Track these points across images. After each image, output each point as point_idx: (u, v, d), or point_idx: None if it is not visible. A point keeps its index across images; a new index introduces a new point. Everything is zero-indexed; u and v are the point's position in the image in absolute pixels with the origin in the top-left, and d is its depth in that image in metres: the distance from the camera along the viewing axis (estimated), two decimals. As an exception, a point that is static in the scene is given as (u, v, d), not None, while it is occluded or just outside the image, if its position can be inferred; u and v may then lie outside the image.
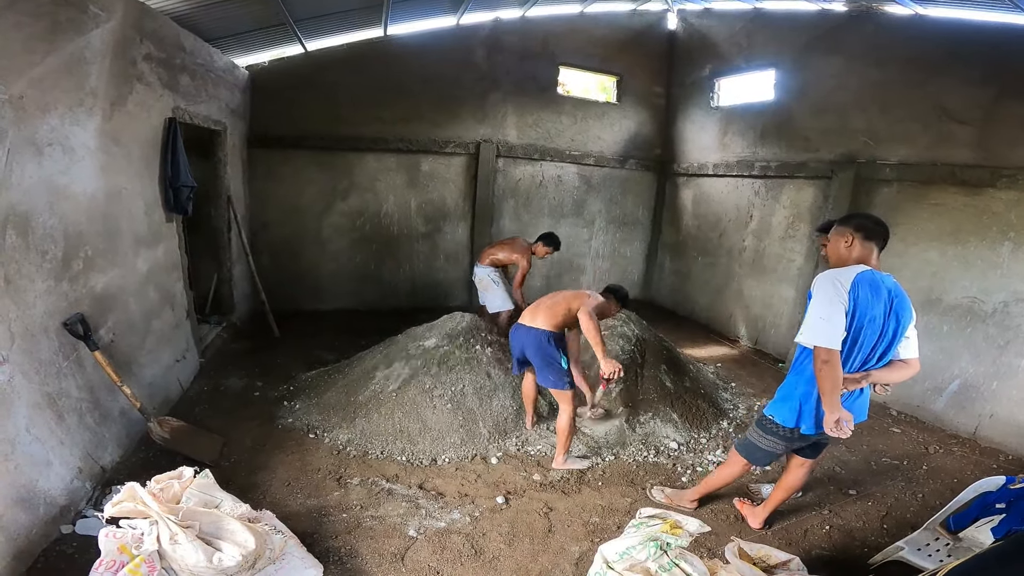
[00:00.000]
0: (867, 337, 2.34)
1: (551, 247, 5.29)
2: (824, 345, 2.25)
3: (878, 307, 2.30)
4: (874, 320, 2.31)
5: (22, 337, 2.55)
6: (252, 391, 4.45)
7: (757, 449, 2.77)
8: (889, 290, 2.35)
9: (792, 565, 2.37)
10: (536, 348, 3.45)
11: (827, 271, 2.39)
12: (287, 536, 2.57)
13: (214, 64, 4.98)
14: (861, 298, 2.27)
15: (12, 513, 2.33)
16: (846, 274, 2.31)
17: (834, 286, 2.28)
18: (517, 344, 3.58)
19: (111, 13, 3.17)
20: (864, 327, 2.31)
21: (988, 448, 4.21)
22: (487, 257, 5.38)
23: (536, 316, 3.51)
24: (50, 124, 2.76)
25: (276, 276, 6.48)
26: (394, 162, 6.91)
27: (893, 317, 2.35)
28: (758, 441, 2.74)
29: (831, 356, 2.24)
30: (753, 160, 6.53)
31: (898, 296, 2.37)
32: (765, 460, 2.89)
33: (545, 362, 3.44)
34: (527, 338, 3.48)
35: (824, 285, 2.31)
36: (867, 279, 2.30)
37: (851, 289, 2.27)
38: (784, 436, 2.61)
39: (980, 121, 4.36)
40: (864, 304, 2.27)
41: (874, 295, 2.29)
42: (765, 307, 6.42)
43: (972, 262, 4.42)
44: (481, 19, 6.87)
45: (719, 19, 7.13)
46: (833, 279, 2.31)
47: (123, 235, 3.56)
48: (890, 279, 2.39)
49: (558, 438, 3.56)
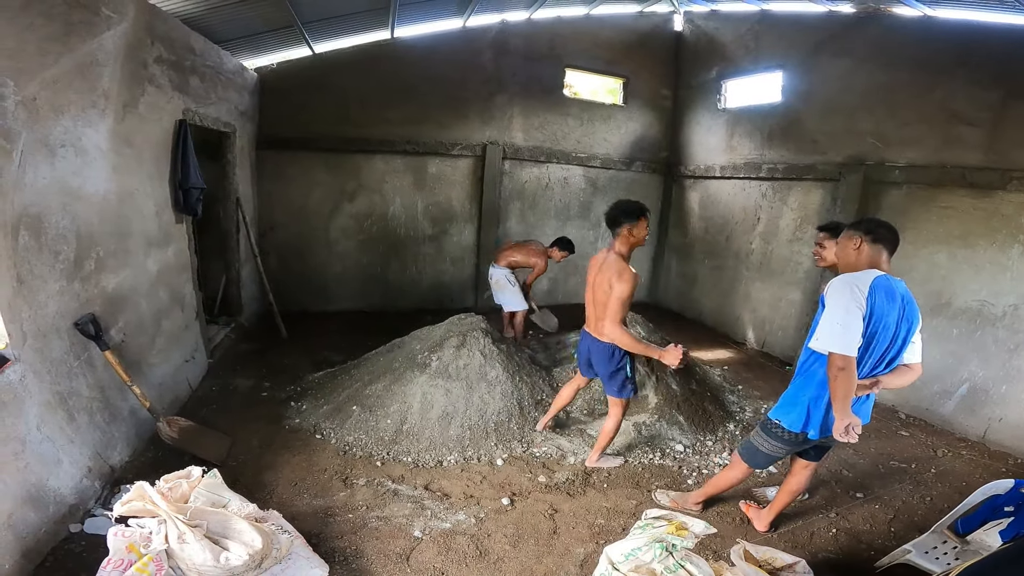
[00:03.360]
0: (879, 343, 2.33)
1: (567, 251, 5.33)
2: (841, 352, 2.22)
3: (893, 313, 2.29)
4: (888, 327, 2.30)
5: (34, 337, 2.58)
6: (260, 392, 4.47)
7: (759, 453, 2.77)
8: (902, 296, 2.34)
9: (798, 568, 2.36)
10: (604, 359, 3.32)
11: (843, 276, 2.37)
12: (293, 536, 2.58)
13: (223, 66, 5.02)
14: (878, 304, 2.25)
15: (22, 511, 2.35)
16: (863, 279, 2.29)
17: (852, 292, 2.25)
18: (584, 349, 3.50)
19: (123, 15, 3.20)
20: (878, 333, 2.30)
21: (997, 452, 4.18)
22: (504, 258, 5.43)
23: (588, 322, 3.41)
24: (63, 126, 2.79)
25: (284, 277, 6.53)
26: (401, 164, 6.94)
27: (905, 323, 2.34)
28: (761, 445, 2.74)
29: (848, 363, 2.21)
30: (760, 162, 6.51)
31: (909, 302, 2.36)
32: (766, 464, 2.88)
33: (612, 373, 3.34)
34: (594, 347, 3.37)
35: (842, 290, 2.28)
36: (883, 285, 2.29)
37: (869, 295, 2.24)
38: (789, 441, 2.61)
39: (989, 123, 4.33)
40: (880, 310, 2.26)
41: (889, 301, 2.28)
42: (772, 310, 6.40)
43: (981, 265, 4.39)
44: (487, 21, 6.90)
45: (726, 21, 7.12)
46: (851, 284, 2.28)
47: (134, 236, 3.59)
48: (902, 284, 2.38)
49: (600, 438, 3.60)
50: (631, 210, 3.12)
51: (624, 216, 3.12)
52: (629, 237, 3.14)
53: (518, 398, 4.10)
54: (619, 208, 3.16)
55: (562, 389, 3.87)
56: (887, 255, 2.40)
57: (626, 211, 3.13)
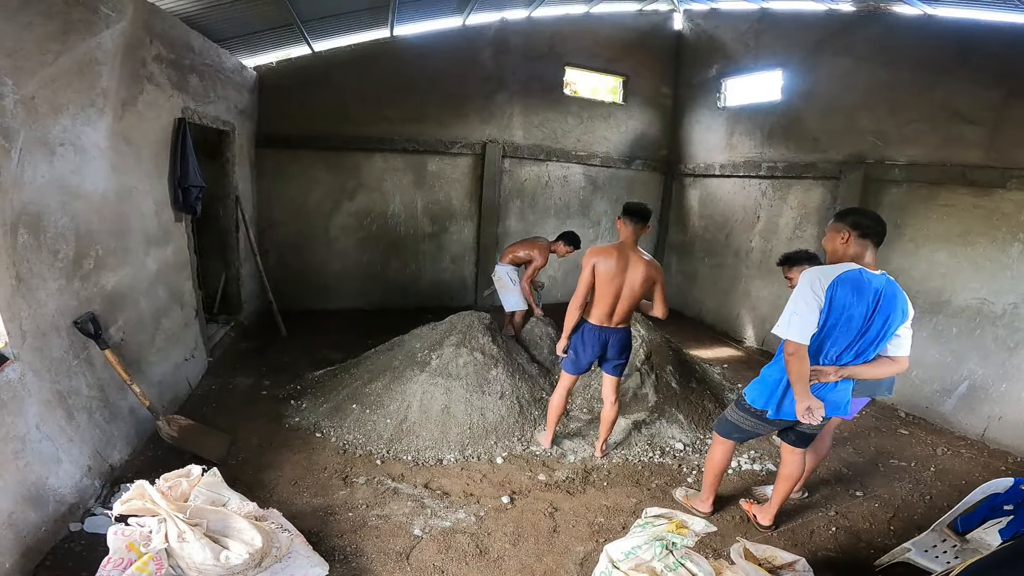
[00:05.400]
0: (840, 334, 2.43)
1: (572, 246, 5.32)
2: (793, 339, 2.39)
3: (859, 307, 2.35)
4: (852, 319, 2.38)
5: (33, 335, 2.58)
6: (260, 390, 4.47)
7: (729, 423, 2.93)
8: (877, 290, 2.37)
9: (798, 566, 2.36)
10: (626, 347, 3.53)
11: (811, 268, 2.47)
12: (293, 534, 2.58)
13: (222, 65, 5.01)
14: (839, 296, 2.35)
15: (22, 510, 2.35)
16: (829, 273, 2.39)
17: (811, 285, 2.38)
18: (599, 344, 3.44)
19: (122, 14, 3.20)
20: (838, 324, 2.40)
21: (996, 450, 4.18)
22: (508, 255, 5.43)
23: (617, 316, 3.40)
24: (62, 124, 2.79)
25: (283, 276, 6.53)
26: (401, 162, 6.94)
27: (878, 317, 2.39)
28: (730, 416, 2.91)
29: (798, 349, 2.39)
30: (760, 160, 6.51)
31: (888, 296, 2.39)
32: (739, 436, 2.96)
33: (628, 353, 3.59)
34: (616, 338, 3.44)
35: (805, 281, 2.41)
36: (851, 278, 2.35)
37: (828, 288, 2.35)
38: (753, 415, 2.77)
39: (990, 122, 4.33)
40: (842, 303, 2.35)
41: (856, 294, 2.34)
42: (772, 308, 6.39)
43: (981, 263, 4.39)
44: (487, 20, 6.88)
45: (726, 19, 7.11)
46: (813, 277, 2.39)
47: (133, 234, 3.59)
48: (882, 278, 2.41)
49: (606, 428, 3.71)
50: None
51: (650, 215, 3.39)
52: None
53: (518, 396, 4.10)
54: (646, 207, 3.38)
55: (553, 399, 3.72)
56: (873, 248, 2.45)
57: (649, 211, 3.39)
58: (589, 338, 3.45)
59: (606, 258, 3.27)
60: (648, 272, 3.30)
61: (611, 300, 3.32)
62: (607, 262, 3.27)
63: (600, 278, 3.30)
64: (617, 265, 3.27)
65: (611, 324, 3.40)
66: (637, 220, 3.30)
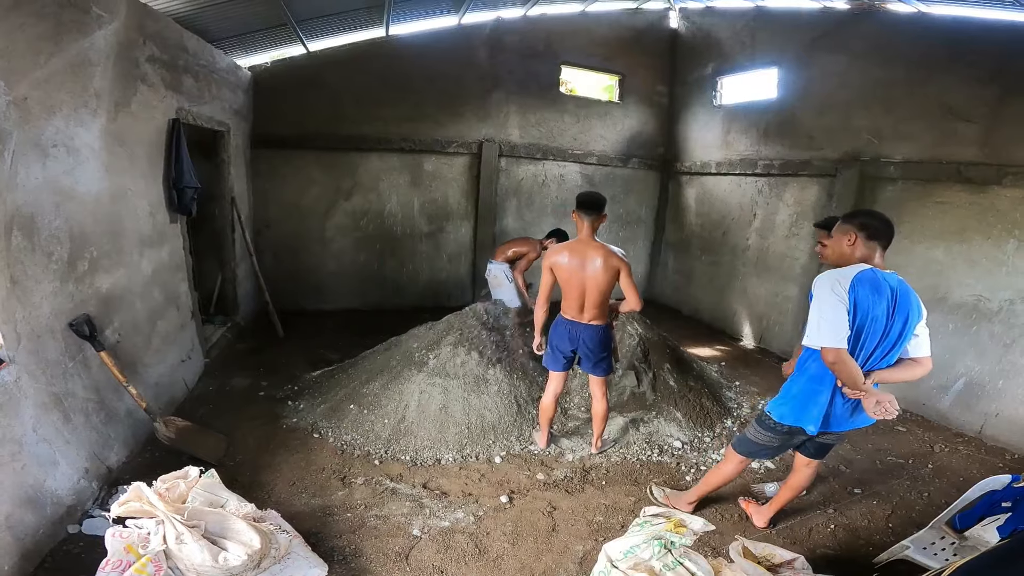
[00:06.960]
0: (869, 336, 2.32)
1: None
2: (828, 344, 2.24)
3: (880, 306, 2.27)
4: (876, 320, 2.29)
5: (28, 338, 2.56)
6: (257, 391, 4.46)
7: (751, 443, 2.80)
8: (892, 288, 2.31)
9: (797, 564, 2.36)
10: (599, 343, 3.43)
11: (827, 271, 2.37)
12: (292, 535, 2.58)
13: (217, 65, 4.99)
14: (861, 297, 2.25)
15: (19, 513, 2.34)
16: (846, 273, 2.29)
17: (832, 288, 2.27)
18: (570, 339, 3.45)
19: (114, 15, 3.18)
20: (866, 326, 2.29)
21: (994, 447, 4.20)
22: (501, 254, 5.46)
23: (588, 312, 3.37)
24: (55, 125, 2.77)
25: (280, 276, 6.50)
26: (397, 162, 6.93)
27: (898, 316, 2.31)
28: (754, 437, 2.76)
29: (839, 355, 2.24)
30: (756, 158, 6.52)
31: (903, 295, 2.32)
32: (758, 454, 2.89)
33: (605, 356, 3.50)
34: (587, 334, 3.40)
35: (824, 285, 2.30)
36: (867, 278, 2.27)
37: (850, 288, 2.25)
38: (781, 433, 2.63)
39: (985, 119, 4.34)
40: (865, 303, 2.25)
41: (875, 294, 2.26)
42: (769, 306, 6.41)
43: (977, 260, 4.40)
44: (482, 18, 6.86)
45: (721, 17, 7.11)
46: (833, 279, 2.29)
47: (128, 236, 3.57)
48: (894, 277, 2.36)
49: (599, 423, 3.69)
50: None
51: (603, 204, 3.32)
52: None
53: (516, 396, 4.10)
54: (598, 195, 3.34)
55: (543, 401, 3.69)
56: (881, 250, 2.38)
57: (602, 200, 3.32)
58: (561, 330, 3.49)
59: (562, 256, 3.30)
60: (608, 261, 3.22)
61: (577, 295, 3.33)
62: (563, 260, 3.29)
63: (560, 276, 3.33)
64: (574, 260, 3.27)
65: (583, 319, 3.39)
66: (590, 211, 3.26)
